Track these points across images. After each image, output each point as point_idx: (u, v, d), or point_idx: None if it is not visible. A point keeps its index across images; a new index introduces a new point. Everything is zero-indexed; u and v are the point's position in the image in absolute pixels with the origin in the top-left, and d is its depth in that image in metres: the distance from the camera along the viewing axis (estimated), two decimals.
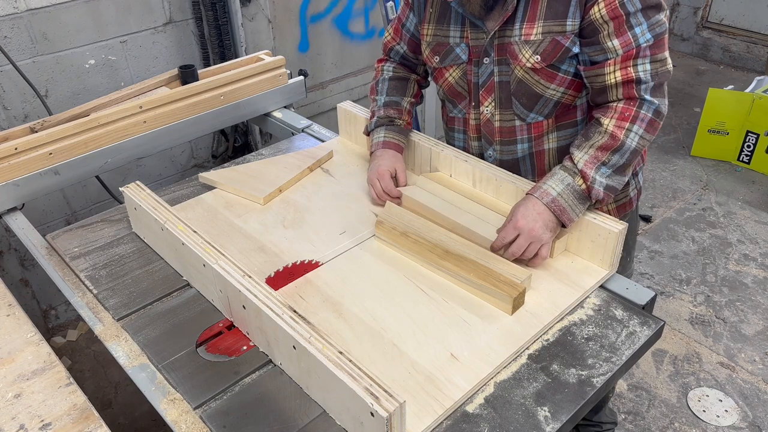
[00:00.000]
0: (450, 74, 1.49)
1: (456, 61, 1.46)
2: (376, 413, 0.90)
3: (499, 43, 1.38)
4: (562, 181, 1.30)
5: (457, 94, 1.52)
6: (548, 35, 1.32)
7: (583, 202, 1.30)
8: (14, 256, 2.40)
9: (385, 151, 1.56)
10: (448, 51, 1.46)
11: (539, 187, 1.32)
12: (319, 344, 1.00)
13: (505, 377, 1.12)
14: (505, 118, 1.46)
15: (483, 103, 1.47)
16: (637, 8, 1.27)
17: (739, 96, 3.49)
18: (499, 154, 1.52)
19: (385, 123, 1.60)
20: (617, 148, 1.29)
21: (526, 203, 1.30)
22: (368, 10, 3.03)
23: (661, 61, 1.31)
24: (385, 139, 1.57)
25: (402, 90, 1.64)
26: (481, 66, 1.43)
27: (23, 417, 1.04)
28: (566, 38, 1.32)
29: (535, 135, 1.47)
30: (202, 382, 1.10)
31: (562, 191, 1.29)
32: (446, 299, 1.26)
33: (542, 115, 1.43)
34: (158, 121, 1.77)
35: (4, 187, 1.54)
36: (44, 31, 2.13)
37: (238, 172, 1.69)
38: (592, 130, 1.33)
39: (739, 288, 2.76)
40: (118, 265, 1.39)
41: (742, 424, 2.18)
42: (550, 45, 1.33)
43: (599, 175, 1.29)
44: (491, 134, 1.50)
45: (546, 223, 1.28)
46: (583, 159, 1.31)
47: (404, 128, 1.60)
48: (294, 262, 1.36)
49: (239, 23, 2.46)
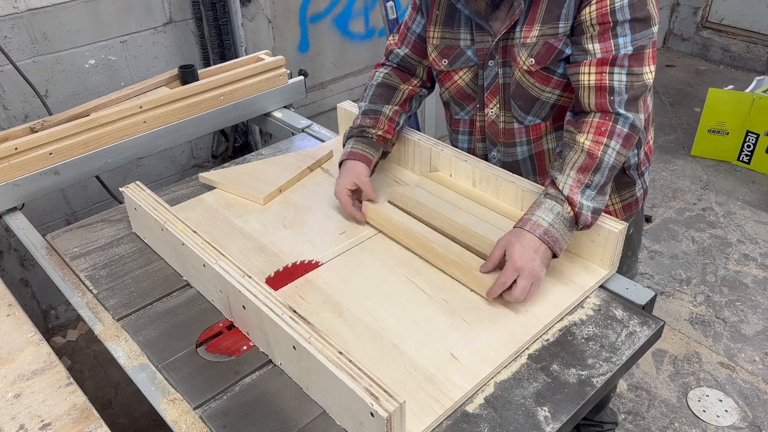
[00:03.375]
0: (460, 77, 1.48)
1: (467, 64, 1.45)
2: (376, 413, 0.90)
3: (503, 46, 1.38)
4: (551, 210, 1.24)
5: (465, 96, 1.50)
6: (542, 38, 1.32)
7: (571, 229, 1.26)
8: (14, 256, 2.40)
9: (351, 163, 1.50)
10: (459, 54, 1.45)
11: (528, 219, 1.25)
12: (319, 344, 1.00)
13: (505, 377, 1.12)
14: (507, 120, 1.46)
15: (488, 105, 1.46)
16: (626, 18, 1.25)
17: (739, 96, 3.49)
18: (502, 156, 1.52)
19: (355, 134, 1.54)
20: (597, 166, 1.25)
21: (520, 240, 1.22)
22: (368, 10, 3.03)
23: (638, 74, 1.28)
24: (352, 150, 1.52)
25: (386, 97, 1.58)
26: (487, 68, 1.42)
27: (23, 417, 1.04)
28: (558, 40, 1.31)
29: (534, 137, 1.45)
30: (202, 382, 1.10)
31: (552, 221, 1.23)
32: (446, 299, 1.26)
33: (540, 118, 1.42)
34: (158, 121, 1.77)
35: (4, 187, 1.54)
36: (44, 31, 2.13)
37: (238, 172, 1.69)
38: (567, 149, 1.29)
39: (739, 288, 2.76)
40: (118, 265, 1.39)
41: (742, 424, 2.18)
42: (543, 48, 1.32)
43: (585, 198, 1.24)
44: (495, 135, 1.49)
45: (543, 259, 1.22)
46: (567, 184, 1.25)
47: (376, 140, 1.54)
48: (294, 262, 1.36)
49: (239, 23, 2.46)
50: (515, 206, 1.46)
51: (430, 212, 1.45)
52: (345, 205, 1.48)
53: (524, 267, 1.20)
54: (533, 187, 1.43)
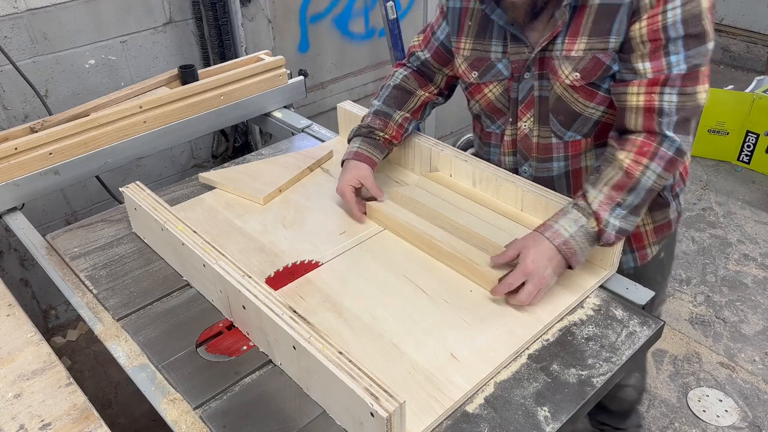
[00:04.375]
0: (490, 90, 1.43)
1: (497, 77, 1.40)
2: (376, 413, 0.90)
3: (541, 57, 1.32)
4: (576, 222, 1.20)
5: (496, 110, 1.45)
6: (590, 52, 1.25)
7: (593, 244, 1.22)
8: (14, 256, 2.40)
9: (355, 163, 1.49)
10: (489, 66, 1.40)
11: (550, 226, 1.22)
12: (319, 344, 1.00)
13: (505, 377, 1.12)
14: (543, 134, 1.39)
15: (521, 118, 1.40)
16: (679, 35, 1.18)
17: (739, 96, 3.49)
18: (534, 171, 1.46)
19: (363, 134, 1.53)
20: (632, 186, 1.20)
21: (537, 245, 1.20)
22: (368, 10, 3.03)
23: (691, 95, 1.20)
24: (358, 150, 1.50)
25: (400, 102, 1.56)
26: (522, 81, 1.36)
27: (23, 417, 1.04)
28: (607, 56, 1.24)
29: (573, 153, 1.39)
30: (202, 382, 1.10)
31: (574, 233, 1.20)
32: (446, 299, 1.26)
33: (580, 134, 1.36)
34: (158, 121, 1.77)
35: (4, 187, 1.54)
36: (44, 31, 2.13)
37: (238, 172, 1.69)
38: (606, 164, 1.24)
39: (739, 288, 2.76)
40: (118, 265, 1.39)
41: (742, 424, 2.18)
42: (591, 62, 1.25)
43: (613, 217, 1.20)
44: (528, 150, 1.43)
45: (555, 268, 1.20)
46: (597, 199, 1.21)
47: (383, 143, 1.52)
48: (294, 262, 1.36)
49: (239, 23, 2.46)
50: (515, 206, 1.46)
51: (431, 212, 1.45)
52: (349, 201, 1.47)
53: (534, 272, 1.18)
54: (533, 187, 1.42)
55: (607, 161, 1.24)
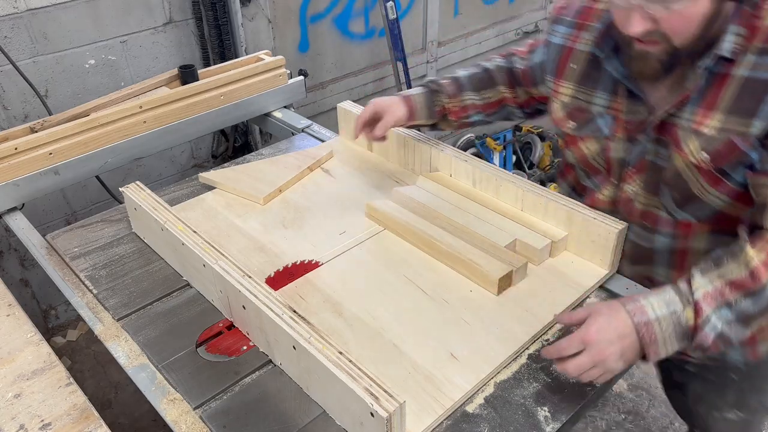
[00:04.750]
0: (586, 146, 1.26)
1: (595, 134, 1.23)
2: (376, 413, 0.90)
3: (663, 121, 1.13)
4: (668, 305, 0.99)
5: (591, 168, 1.30)
6: (725, 133, 1.05)
7: (682, 340, 0.99)
8: (14, 256, 2.40)
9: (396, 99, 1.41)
10: (588, 120, 1.23)
11: (635, 299, 1.01)
12: (318, 344, 1.00)
13: (505, 377, 1.12)
14: (650, 204, 1.20)
15: (627, 181, 1.21)
16: None
17: None
18: (635, 236, 1.26)
19: (429, 88, 1.43)
20: (753, 292, 0.97)
21: (611, 314, 1.00)
22: (368, 10, 3.03)
23: None
24: (411, 96, 1.42)
25: (479, 85, 1.43)
26: (635, 142, 1.17)
27: (23, 417, 1.04)
28: (746, 142, 1.03)
29: (682, 233, 1.19)
30: (202, 382, 1.10)
31: (663, 317, 0.98)
32: (446, 299, 1.26)
33: (695, 217, 1.16)
34: (158, 121, 1.77)
35: (4, 187, 1.54)
36: (44, 31, 2.13)
37: (238, 172, 1.69)
38: (729, 256, 1.01)
39: None
40: (118, 265, 1.39)
41: None
42: (725, 146, 1.05)
43: (717, 316, 0.97)
44: (629, 214, 1.26)
45: (624, 350, 0.98)
46: (704, 289, 0.99)
47: (438, 111, 1.43)
48: (294, 262, 1.36)
49: (239, 23, 2.46)
50: (515, 206, 1.46)
51: (431, 212, 1.45)
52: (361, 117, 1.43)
53: (595, 344, 0.98)
54: (533, 187, 1.42)
55: (732, 253, 1.02)
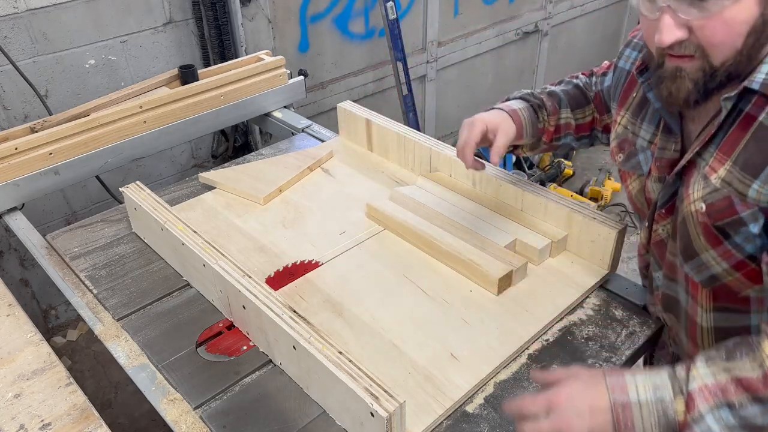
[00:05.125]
0: (631, 182, 1.15)
1: (636, 170, 1.13)
2: (376, 413, 0.90)
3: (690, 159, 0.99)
4: (656, 390, 0.86)
5: (635, 207, 1.18)
6: (726, 186, 0.91)
7: None
8: (14, 256, 2.40)
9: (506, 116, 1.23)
10: (632, 153, 1.13)
11: (621, 373, 0.89)
12: (319, 344, 1.00)
13: (505, 377, 1.12)
14: (671, 251, 1.08)
15: (659, 221, 1.09)
16: None
17: None
18: (664, 286, 1.13)
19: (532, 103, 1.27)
20: (763, 398, 0.81)
21: (588, 386, 0.88)
22: (368, 10, 3.03)
23: None
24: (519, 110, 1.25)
25: (574, 103, 1.30)
26: (666, 182, 1.05)
27: (23, 417, 1.04)
28: (744, 206, 0.89)
29: (692, 293, 1.05)
30: (202, 382, 1.10)
31: (646, 402, 0.85)
32: (446, 299, 1.26)
33: (699, 279, 1.01)
34: (158, 121, 1.77)
35: (4, 187, 1.54)
36: (44, 31, 2.13)
37: (238, 172, 1.69)
38: (744, 348, 0.86)
39: None
40: (118, 265, 1.39)
41: None
42: (723, 201, 0.91)
43: (714, 418, 0.82)
44: (661, 257, 1.12)
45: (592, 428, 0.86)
46: (703, 381, 0.84)
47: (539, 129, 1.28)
48: (294, 262, 1.36)
49: (239, 23, 2.46)
50: (515, 206, 1.46)
51: (431, 212, 1.45)
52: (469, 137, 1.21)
53: (561, 411, 0.87)
54: (534, 187, 1.42)
55: (747, 344, 0.86)
